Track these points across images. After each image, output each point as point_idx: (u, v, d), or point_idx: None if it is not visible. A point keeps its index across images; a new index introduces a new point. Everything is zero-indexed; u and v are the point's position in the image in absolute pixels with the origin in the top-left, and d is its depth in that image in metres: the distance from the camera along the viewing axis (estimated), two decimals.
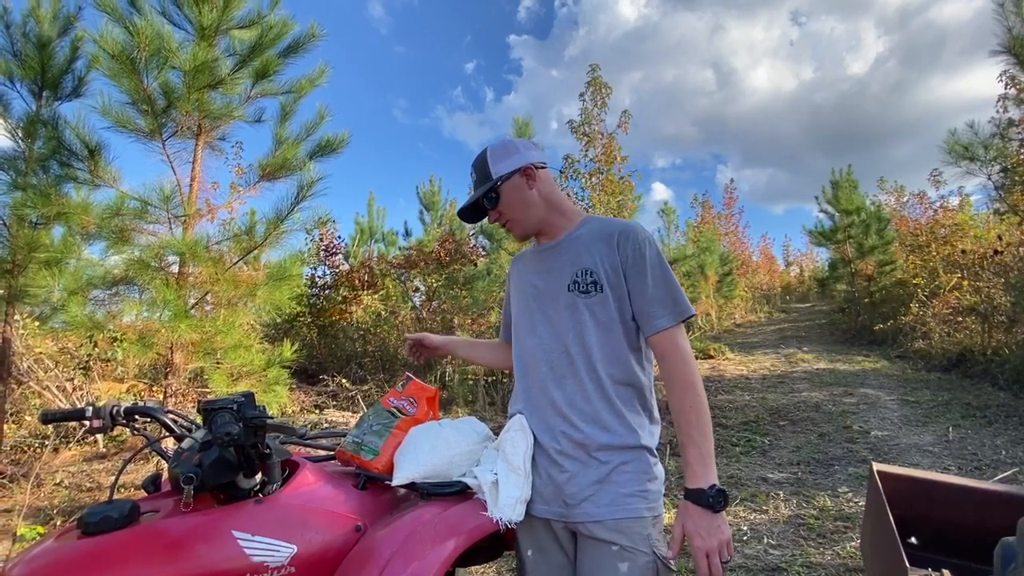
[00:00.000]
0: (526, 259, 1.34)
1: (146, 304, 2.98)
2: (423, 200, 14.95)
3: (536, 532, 1.17)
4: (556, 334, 1.18)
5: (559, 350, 1.17)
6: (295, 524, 1.05)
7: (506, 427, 1.20)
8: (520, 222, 1.25)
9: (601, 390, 1.12)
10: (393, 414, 1.33)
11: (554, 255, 1.23)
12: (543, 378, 1.18)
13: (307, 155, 4.03)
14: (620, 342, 1.13)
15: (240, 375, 3.68)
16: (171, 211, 3.33)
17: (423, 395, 1.40)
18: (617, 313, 1.13)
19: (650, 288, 1.10)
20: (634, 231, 1.14)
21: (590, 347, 1.13)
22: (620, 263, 1.13)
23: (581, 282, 1.15)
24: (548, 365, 1.18)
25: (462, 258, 8.35)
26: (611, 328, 1.13)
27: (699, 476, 0.99)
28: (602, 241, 1.16)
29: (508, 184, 1.21)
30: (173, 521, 0.97)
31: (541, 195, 1.23)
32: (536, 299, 1.23)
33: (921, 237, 11.71)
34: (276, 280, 3.59)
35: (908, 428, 4.70)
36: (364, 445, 1.26)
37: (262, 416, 0.97)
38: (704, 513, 0.97)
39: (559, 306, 1.18)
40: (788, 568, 2.38)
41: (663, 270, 1.12)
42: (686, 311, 1.11)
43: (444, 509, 1.09)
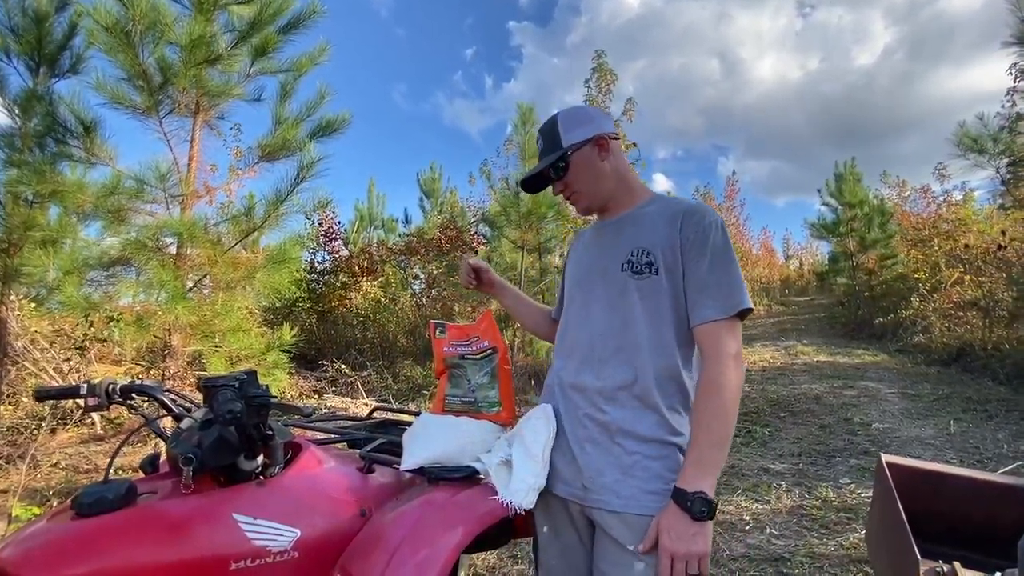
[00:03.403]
0: (587, 235, 1.27)
1: (143, 286, 2.92)
2: (423, 187, 14.85)
3: (552, 510, 1.13)
4: (603, 315, 1.11)
5: (603, 332, 1.10)
6: (298, 508, 1.01)
7: (528, 414, 1.15)
8: (586, 195, 1.17)
9: (641, 381, 1.04)
10: (485, 356, 1.29)
11: (614, 232, 1.15)
12: (580, 359, 1.12)
13: (307, 135, 3.96)
14: (669, 332, 1.04)
15: (239, 359, 3.64)
16: (168, 190, 3.26)
17: (480, 327, 1.34)
18: (670, 300, 1.04)
19: (704, 274, 1.00)
20: (701, 212, 1.05)
21: (635, 334, 1.05)
22: (680, 245, 1.03)
23: (636, 262, 1.06)
24: (588, 345, 1.11)
25: (463, 245, 8.29)
26: (661, 316, 1.04)
27: (689, 478, 0.92)
28: (665, 220, 1.07)
29: (579, 154, 1.13)
30: (171, 503, 0.92)
31: (612, 168, 1.15)
32: (589, 276, 1.17)
33: (924, 231, 11.68)
34: (275, 263, 3.53)
35: (909, 421, 4.69)
36: (481, 402, 1.23)
37: (265, 395, 0.93)
38: (681, 515, 0.90)
39: (610, 286, 1.10)
40: (791, 558, 2.36)
41: (725, 257, 1.01)
42: (739, 304, 0.99)
43: (453, 494, 1.05)
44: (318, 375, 7.20)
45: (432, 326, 1.36)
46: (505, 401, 1.24)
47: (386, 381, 7.08)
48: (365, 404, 6.17)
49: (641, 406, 1.04)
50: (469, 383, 1.26)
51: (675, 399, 1.05)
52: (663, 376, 1.04)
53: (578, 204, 1.20)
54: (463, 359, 1.29)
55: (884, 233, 12.79)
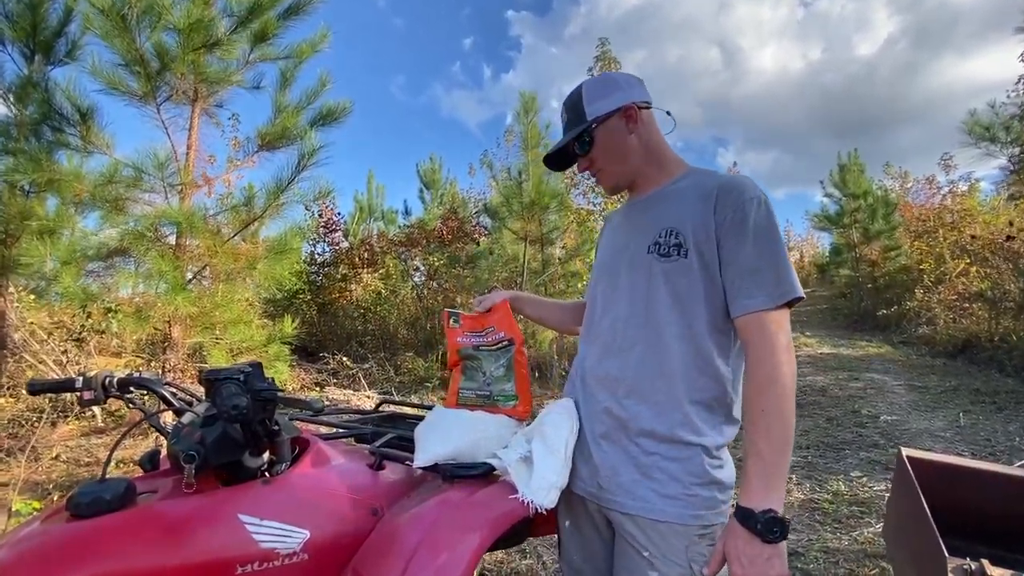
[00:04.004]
0: (617, 216, 1.20)
1: (142, 276, 2.86)
2: (423, 178, 14.72)
3: (573, 505, 1.09)
4: (629, 301, 1.03)
5: (628, 319, 1.02)
6: (307, 507, 0.96)
7: (548, 408, 1.09)
8: (613, 172, 1.09)
9: (665, 374, 0.96)
10: (501, 347, 1.23)
11: (641, 211, 1.07)
12: (601, 345, 1.06)
13: (308, 124, 3.87)
14: (699, 321, 0.95)
15: (240, 351, 3.58)
16: (166, 179, 3.19)
17: (495, 317, 1.28)
18: (701, 285, 0.94)
19: (748, 257, 0.90)
20: (739, 187, 0.94)
21: (659, 322, 0.97)
22: (715, 225, 0.93)
23: (663, 243, 0.97)
24: (611, 333, 1.04)
25: (464, 237, 8.22)
26: (690, 302, 0.95)
27: (754, 494, 0.83)
28: (699, 197, 0.97)
29: (604, 127, 1.04)
30: (173, 503, 0.87)
31: (641, 141, 1.06)
32: (615, 260, 1.09)
33: (928, 222, 11.59)
34: (276, 254, 3.47)
35: (918, 413, 4.65)
36: (496, 396, 1.18)
37: (272, 389, 0.87)
38: (751, 539, 0.81)
39: (635, 270, 1.02)
40: (806, 553, 2.32)
41: (770, 238, 0.90)
42: (790, 292, 0.88)
43: (471, 493, 1.00)
44: (319, 367, 7.16)
45: (446, 315, 1.30)
46: (521, 395, 1.18)
47: (388, 373, 7.04)
48: (367, 397, 6.13)
49: (663, 401, 0.97)
50: (484, 376, 1.21)
51: (705, 394, 0.96)
52: (691, 369, 0.96)
53: (604, 182, 1.12)
54: (478, 351, 1.24)
55: (888, 224, 12.71)
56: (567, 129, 1.10)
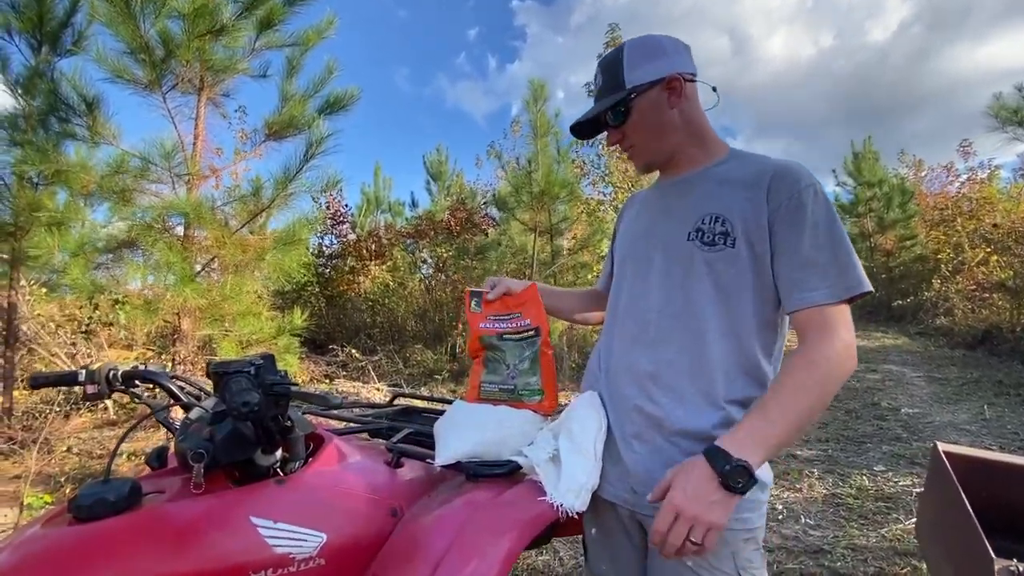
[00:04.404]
0: (644, 197, 1.10)
1: (150, 268, 2.83)
2: (430, 170, 14.62)
3: (600, 512, 1.01)
4: (664, 291, 0.94)
5: (662, 310, 0.94)
6: (323, 508, 0.90)
7: (574, 404, 1.02)
8: (648, 149, 0.99)
9: (704, 370, 0.88)
10: (526, 338, 1.14)
11: (680, 192, 0.98)
12: (631, 337, 0.97)
13: (315, 112, 3.80)
14: (746, 316, 0.87)
15: (249, 343, 3.55)
16: (173, 169, 3.14)
17: (522, 301, 1.19)
18: (750, 278, 0.87)
19: (807, 248, 0.82)
20: (795, 173, 0.86)
21: (701, 315, 0.89)
22: (768, 213, 0.85)
23: (707, 230, 0.89)
24: (641, 324, 0.96)
25: (473, 228, 8.14)
26: (736, 296, 0.88)
27: (738, 442, 0.74)
28: (749, 182, 0.88)
29: (644, 99, 0.94)
30: (181, 505, 0.81)
31: (683, 117, 0.95)
32: (647, 244, 1.00)
33: (946, 211, 11.35)
34: (284, 245, 3.42)
35: (940, 406, 4.54)
36: (521, 390, 1.10)
37: (285, 383, 0.81)
38: (709, 477, 0.72)
39: (673, 258, 0.93)
40: (831, 550, 2.25)
41: (830, 228, 0.82)
42: (857, 286, 0.80)
43: (498, 493, 0.93)
44: (328, 360, 7.15)
45: (468, 296, 1.20)
46: (547, 389, 1.11)
47: (397, 366, 7.01)
48: (377, 389, 6.10)
49: (702, 400, 0.89)
50: (508, 368, 1.12)
51: (745, 393, 0.89)
52: (733, 367, 0.89)
53: (636, 159, 1.03)
54: (502, 339, 1.15)
55: (904, 213, 12.48)
56: (601, 94, 0.99)
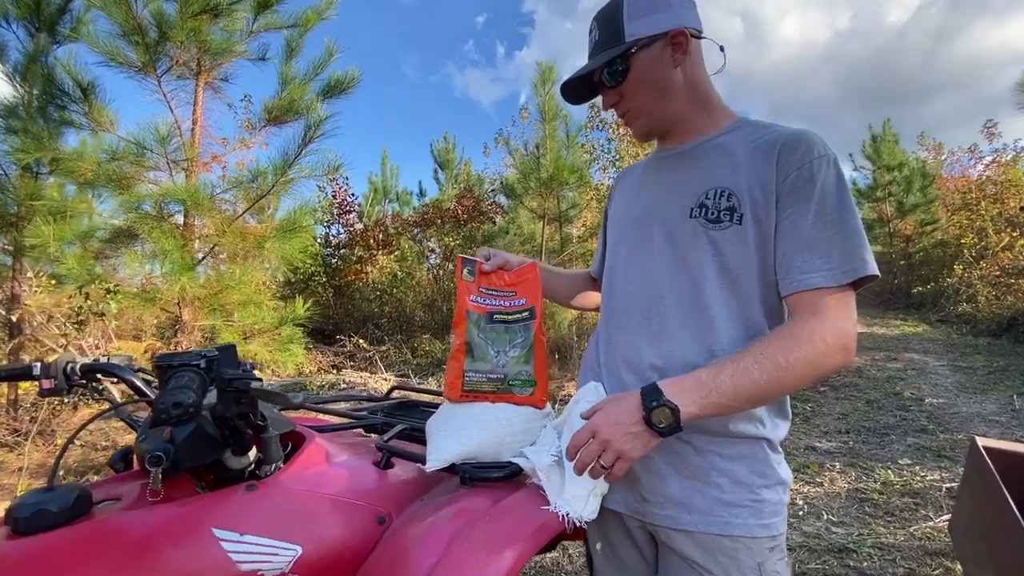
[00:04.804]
0: (639, 171, 1.00)
1: (148, 257, 2.76)
2: (438, 158, 14.50)
3: (605, 523, 0.91)
4: (665, 273, 0.84)
5: (663, 296, 0.84)
6: (299, 517, 0.80)
7: (577, 397, 0.92)
8: (648, 113, 0.88)
9: (712, 357, 0.79)
10: (520, 320, 1.00)
11: (681, 165, 0.87)
12: (633, 328, 0.87)
13: (316, 95, 3.69)
14: (753, 301, 0.79)
15: (252, 333, 3.48)
16: (169, 155, 3.05)
17: (521, 278, 1.05)
18: (757, 259, 0.78)
19: (808, 225, 0.73)
20: (807, 142, 0.76)
21: (708, 300, 0.80)
22: (776, 185, 0.76)
23: (711, 206, 0.80)
24: (643, 312, 0.86)
25: (480, 216, 8.01)
26: (744, 277, 0.79)
27: (677, 384, 0.70)
28: (757, 152, 0.79)
29: (645, 55, 0.83)
30: (134, 516, 0.72)
31: (686, 78, 0.85)
32: (644, 222, 0.89)
33: (969, 194, 10.98)
34: (285, 232, 3.33)
35: (965, 396, 4.36)
36: (512, 380, 0.96)
37: (244, 377, 0.70)
38: (635, 409, 0.70)
39: (675, 236, 0.84)
40: (857, 549, 2.13)
41: (840, 205, 0.73)
42: (859, 269, 0.71)
43: (495, 501, 0.83)
44: (336, 350, 7.11)
45: (460, 263, 1.05)
46: (540, 380, 0.97)
47: (404, 356, 6.96)
48: (384, 379, 6.05)
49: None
50: (497, 354, 0.97)
51: None
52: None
53: (634, 124, 0.92)
54: (493, 320, 1.00)
55: (925, 197, 12.11)
56: (597, 50, 0.87)
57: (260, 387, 0.69)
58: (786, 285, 0.75)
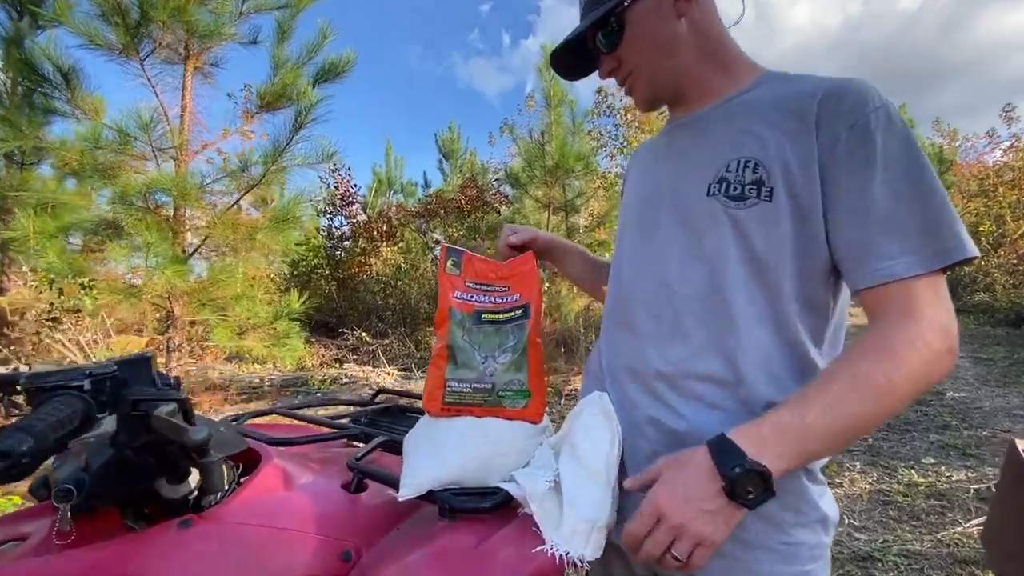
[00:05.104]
0: (651, 146, 0.85)
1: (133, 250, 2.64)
2: (442, 148, 14.32)
3: (608, 563, 0.78)
4: (675, 263, 0.70)
5: (673, 290, 0.69)
6: (245, 557, 0.67)
7: (578, 409, 0.78)
8: (649, 75, 0.74)
9: (739, 368, 0.65)
10: (513, 319, 0.84)
11: (695, 133, 0.73)
12: (637, 328, 0.73)
13: (310, 80, 3.54)
14: (786, 294, 0.64)
15: (246, 328, 3.37)
16: (155, 143, 2.91)
17: (514, 270, 0.91)
18: (792, 241, 0.63)
19: (877, 198, 0.57)
20: (857, 92, 0.60)
21: (728, 293, 0.65)
22: (819, 150, 0.60)
23: (733, 180, 0.65)
24: (649, 309, 0.72)
25: (484, 205, 7.86)
26: (774, 265, 0.63)
27: (757, 436, 0.54)
28: (788, 110, 0.63)
29: (642, 5, 0.70)
30: (29, 565, 0.59)
31: (694, 29, 0.71)
32: (652, 203, 0.75)
33: (987, 180, 10.66)
34: (278, 223, 3.19)
35: (988, 389, 4.19)
36: (502, 391, 0.81)
37: (155, 399, 0.56)
38: (711, 477, 0.54)
39: (689, 218, 0.69)
40: (882, 557, 1.99)
41: (913, 169, 0.58)
42: (955, 250, 0.56)
43: (480, 539, 0.69)
44: (339, 343, 7.02)
45: (443, 253, 0.90)
46: (535, 390, 0.82)
47: (408, 349, 6.86)
48: (387, 373, 5.95)
49: (738, 409, 0.65)
50: (484, 360, 0.82)
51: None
52: (777, 363, 0.64)
53: (636, 91, 0.77)
54: (481, 320, 0.85)
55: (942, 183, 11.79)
56: (586, 10, 0.74)
57: (164, 416, 0.55)
58: (861, 278, 0.59)
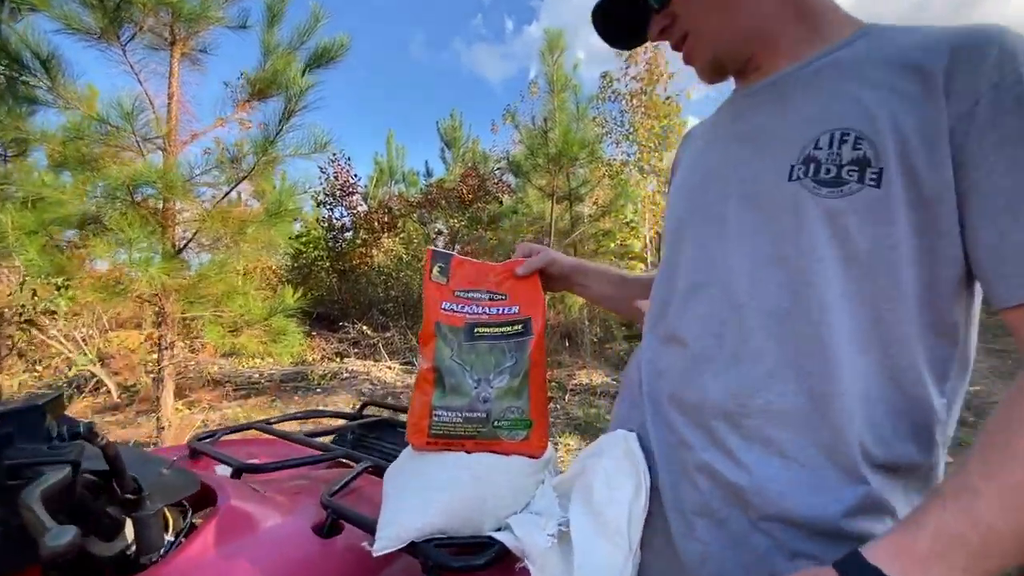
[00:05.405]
0: (707, 127, 0.70)
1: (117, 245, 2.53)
2: (444, 137, 14.11)
3: None
4: (743, 267, 0.55)
5: (740, 302, 0.55)
6: None
7: (597, 448, 0.65)
8: (712, 35, 0.60)
9: (828, 408, 0.50)
10: (511, 335, 0.72)
11: (770, 103, 0.58)
12: (692, 347, 0.58)
13: (302, 66, 3.39)
14: (900, 310, 0.49)
15: (240, 326, 3.26)
16: (139, 132, 2.78)
17: (511, 274, 0.78)
18: (911, 239, 0.48)
19: None
20: (1000, 42, 0.45)
21: (819, 311, 0.50)
22: (949, 117, 0.46)
23: (825, 159, 0.50)
24: (709, 325, 0.57)
25: (486, 195, 7.71)
26: (884, 273, 0.49)
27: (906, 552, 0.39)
28: (903, 68, 0.49)
29: None
30: None
31: None
32: (712, 192, 0.60)
33: None
34: (271, 216, 3.07)
35: (1003, 382, 4.05)
36: (499, 420, 0.68)
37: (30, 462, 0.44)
38: None
39: (764, 210, 0.54)
40: None
41: None
42: None
43: None
44: (340, 336, 6.93)
45: (429, 257, 0.78)
46: (537, 419, 0.70)
47: (410, 342, 6.76)
48: (388, 367, 5.86)
49: (824, 462, 0.50)
50: (478, 384, 0.69)
51: (909, 451, 0.50)
52: (878, 401, 0.50)
53: (695, 54, 0.62)
54: (473, 336, 0.72)
55: None
56: None
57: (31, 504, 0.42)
58: (1014, 292, 0.44)
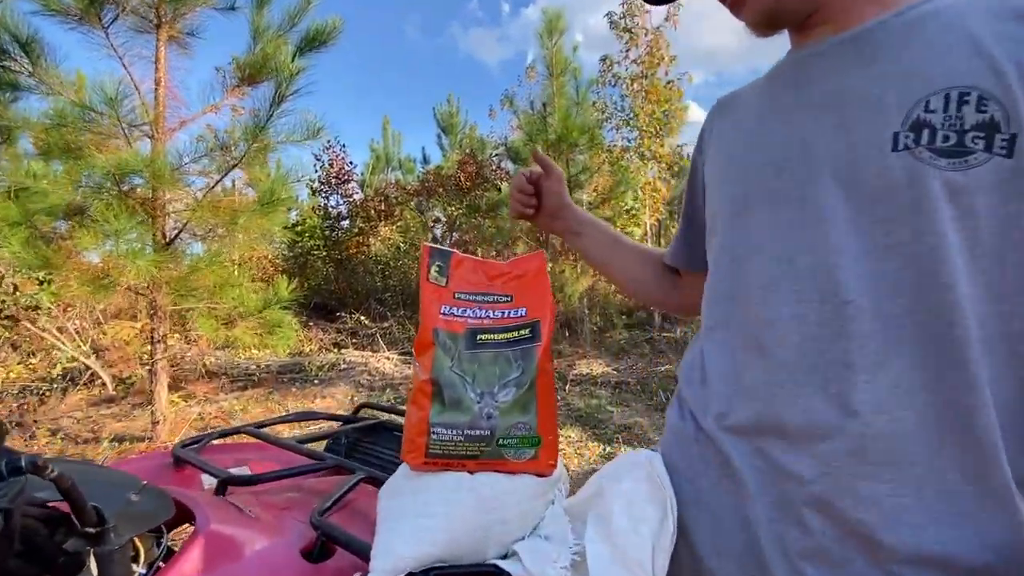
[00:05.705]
0: (755, 96, 0.60)
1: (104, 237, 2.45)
2: (441, 122, 13.91)
3: None
4: (847, 257, 0.45)
5: (847, 302, 0.45)
6: None
7: (614, 470, 0.58)
8: None
9: (969, 426, 0.41)
10: (517, 340, 0.64)
11: (852, 61, 0.48)
12: (779, 356, 0.49)
13: (294, 49, 3.27)
14: None
15: (234, 318, 3.19)
16: (124, 118, 2.68)
17: (518, 273, 0.70)
18: None
19: None
20: None
21: (947, 310, 0.42)
22: None
23: (940, 123, 0.42)
24: (803, 328, 0.48)
25: (484, 182, 7.59)
26: (1018, 258, 0.41)
27: None
28: (1016, 17, 0.42)
29: None
30: None
31: None
32: (788, 170, 0.50)
33: None
34: (263, 205, 2.98)
35: None
36: (504, 438, 0.61)
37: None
38: None
39: (864, 189, 0.45)
40: None
41: None
42: None
43: None
44: (337, 327, 6.87)
45: (425, 255, 0.70)
46: (546, 435, 0.62)
47: (408, 332, 6.70)
48: (387, 358, 5.81)
49: (966, 488, 0.42)
50: (480, 398, 0.62)
51: None
52: (1020, 417, 0.42)
53: (747, 5, 0.54)
54: (476, 343, 0.65)
55: None
56: None
57: None
58: None
